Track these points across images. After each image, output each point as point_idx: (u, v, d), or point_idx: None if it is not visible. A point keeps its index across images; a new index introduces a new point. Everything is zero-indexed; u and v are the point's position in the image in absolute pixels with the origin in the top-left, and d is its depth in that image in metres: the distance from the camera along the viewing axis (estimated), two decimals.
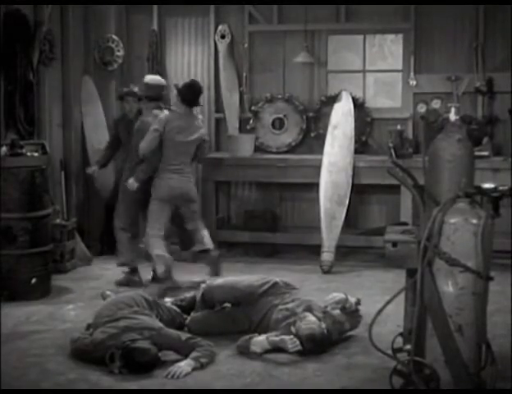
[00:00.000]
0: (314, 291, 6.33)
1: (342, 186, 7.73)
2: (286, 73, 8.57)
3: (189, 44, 8.79)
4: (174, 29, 8.81)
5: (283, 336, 5.09)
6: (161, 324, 5.03)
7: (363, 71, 8.49)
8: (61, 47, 8.16)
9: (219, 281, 5.80)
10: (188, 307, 5.70)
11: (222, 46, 8.58)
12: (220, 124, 8.76)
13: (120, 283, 6.98)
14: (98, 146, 8.41)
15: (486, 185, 3.96)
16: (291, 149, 8.55)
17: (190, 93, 6.97)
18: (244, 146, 8.27)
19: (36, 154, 6.82)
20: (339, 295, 5.48)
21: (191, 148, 6.97)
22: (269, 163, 8.12)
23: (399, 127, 7.96)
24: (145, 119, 7.04)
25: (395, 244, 4.24)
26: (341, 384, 4.60)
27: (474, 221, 3.94)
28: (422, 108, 8.20)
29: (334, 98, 8.30)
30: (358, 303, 5.49)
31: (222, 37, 8.58)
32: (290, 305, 5.38)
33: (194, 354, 4.81)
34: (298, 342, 5.03)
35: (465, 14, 8.10)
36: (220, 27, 8.59)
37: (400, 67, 8.39)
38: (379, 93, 8.50)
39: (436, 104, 8.12)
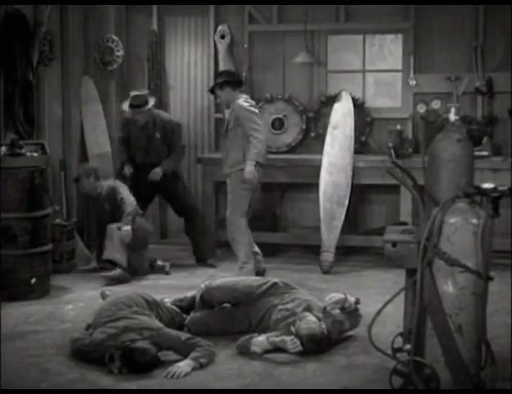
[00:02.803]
0: (314, 291, 6.31)
1: (342, 186, 7.73)
2: (286, 73, 8.57)
3: (188, 44, 8.79)
4: (173, 29, 8.81)
5: (283, 337, 5.09)
6: (160, 324, 5.03)
7: (363, 71, 8.49)
8: (61, 47, 8.17)
9: (218, 281, 5.80)
10: (187, 307, 5.69)
11: (222, 46, 8.58)
12: (220, 124, 8.73)
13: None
14: (99, 150, 8.44)
15: (486, 185, 3.95)
16: (291, 149, 8.55)
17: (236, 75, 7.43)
18: None
19: (36, 154, 6.82)
20: (338, 295, 5.47)
21: None
22: (269, 163, 8.06)
23: (398, 127, 7.96)
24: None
25: (394, 244, 4.22)
26: (341, 384, 4.60)
27: (474, 221, 3.94)
28: (421, 108, 8.20)
29: (334, 99, 8.29)
30: (357, 302, 5.49)
31: (222, 37, 8.58)
32: (289, 305, 5.38)
33: (193, 354, 4.81)
34: (298, 343, 5.03)
35: (465, 14, 8.09)
36: (220, 27, 8.58)
37: (399, 67, 8.39)
38: (379, 94, 8.50)
39: (435, 104, 8.12)
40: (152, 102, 7.77)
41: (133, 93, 7.76)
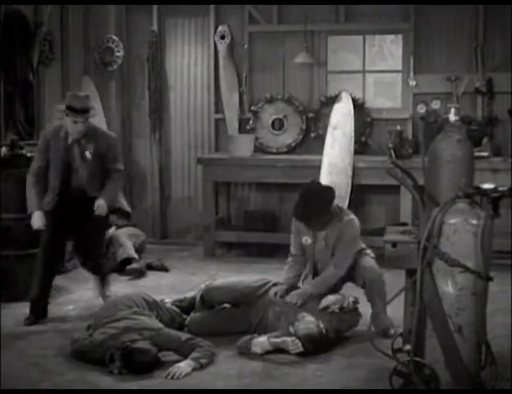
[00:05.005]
0: None
1: (342, 187, 7.72)
2: (286, 73, 8.56)
3: (188, 45, 8.79)
4: (174, 29, 8.81)
5: (284, 338, 5.09)
6: (161, 325, 5.03)
7: (363, 72, 8.49)
8: (61, 47, 8.18)
9: (218, 281, 5.81)
10: (187, 307, 5.70)
11: (222, 46, 8.58)
12: (220, 124, 8.76)
13: None
14: None
15: (486, 186, 3.96)
16: (291, 150, 8.55)
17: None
18: (244, 146, 8.26)
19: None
20: (337, 296, 5.48)
21: None
22: (269, 164, 8.11)
23: (398, 128, 7.95)
24: None
25: (394, 244, 4.23)
26: (341, 384, 4.60)
27: (474, 221, 3.95)
28: (421, 109, 8.20)
29: (334, 99, 8.29)
30: (356, 302, 5.49)
31: (222, 37, 8.58)
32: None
33: (193, 354, 4.81)
34: (299, 344, 5.03)
35: (465, 14, 8.09)
36: (220, 28, 8.58)
37: (399, 68, 8.38)
38: (379, 94, 8.50)
39: (435, 105, 8.12)
40: (93, 111, 5.99)
41: (73, 93, 6.02)
